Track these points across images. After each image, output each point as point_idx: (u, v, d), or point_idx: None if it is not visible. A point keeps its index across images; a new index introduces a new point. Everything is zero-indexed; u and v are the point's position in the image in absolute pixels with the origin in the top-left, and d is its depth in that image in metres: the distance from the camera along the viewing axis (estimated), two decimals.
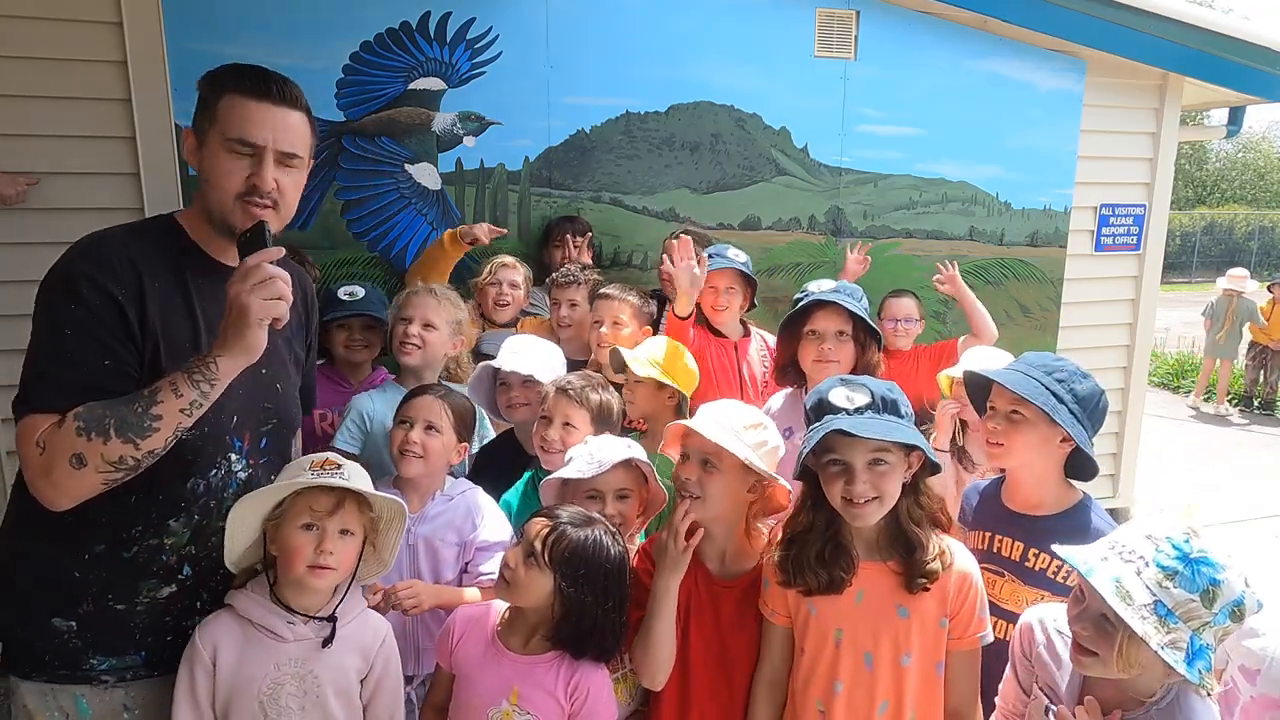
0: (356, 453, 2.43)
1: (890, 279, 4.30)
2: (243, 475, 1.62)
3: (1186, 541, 1.32)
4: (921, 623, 1.63)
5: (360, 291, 2.73)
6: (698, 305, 2.79)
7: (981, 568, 1.76)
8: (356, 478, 1.62)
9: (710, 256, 2.96)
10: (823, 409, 1.63)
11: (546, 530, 1.63)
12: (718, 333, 3.02)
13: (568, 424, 2.16)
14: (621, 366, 2.42)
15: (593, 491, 1.88)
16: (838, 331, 2.32)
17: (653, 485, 1.98)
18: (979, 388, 2.01)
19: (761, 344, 3.11)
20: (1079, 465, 1.86)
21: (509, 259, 3.29)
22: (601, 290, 2.85)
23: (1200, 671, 1.28)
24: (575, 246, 3.53)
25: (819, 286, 2.41)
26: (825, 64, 4.05)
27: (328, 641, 1.60)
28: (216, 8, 3.17)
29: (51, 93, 3.02)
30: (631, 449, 1.93)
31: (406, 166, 3.54)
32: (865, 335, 2.35)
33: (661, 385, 2.36)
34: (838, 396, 1.61)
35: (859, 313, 2.31)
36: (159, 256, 1.51)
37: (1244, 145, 29.64)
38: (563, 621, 1.62)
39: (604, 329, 2.73)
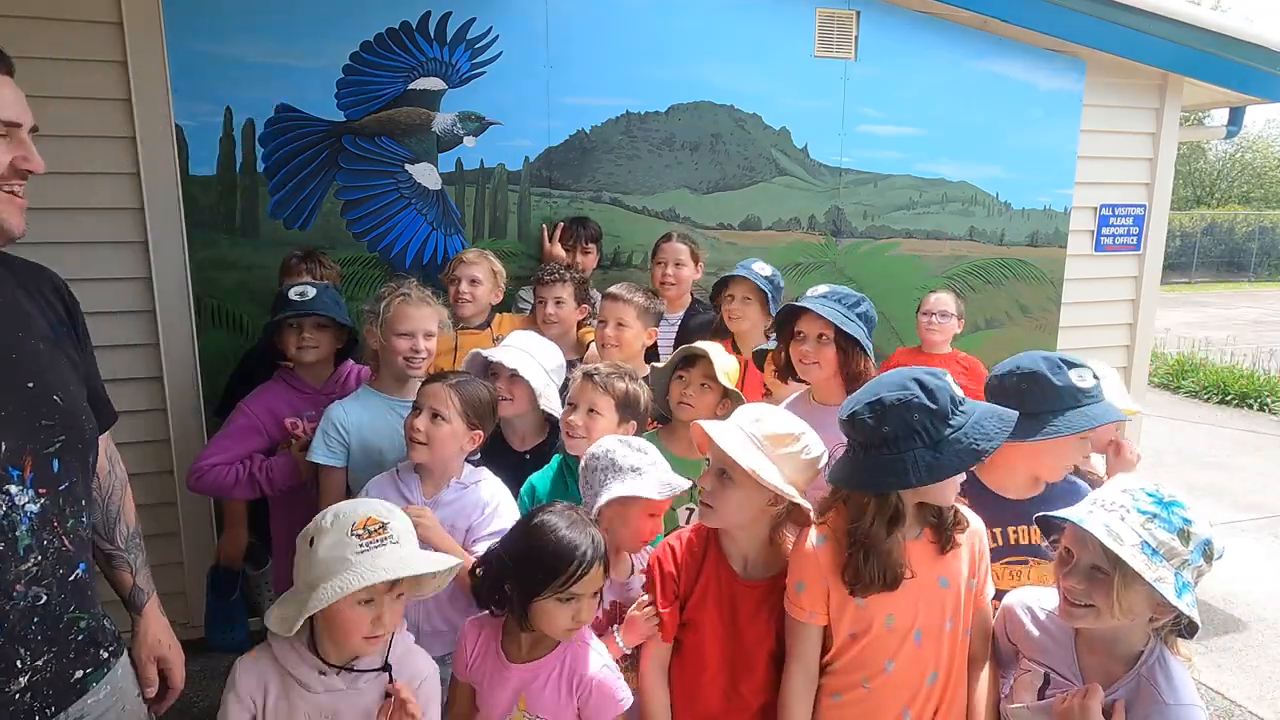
0: (341, 466, 2.39)
1: (890, 279, 4.31)
2: (34, 508, 1.32)
3: (1158, 489, 1.49)
4: (957, 588, 1.72)
5: (311, 291, 2.58)
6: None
7: (1005, 564, 1.92)
8: (406, 540, 1.56)
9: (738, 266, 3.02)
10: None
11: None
12: (735, 348, 2.92)
13: (592, 410, 2.18)
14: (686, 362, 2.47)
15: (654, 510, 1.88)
16: (818, 334, 2.26)
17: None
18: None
19: None
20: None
21: (470, 254, 3.16)
22: (609, 290, 2.86)
23: (1188, 605, 1.40)
24: (585, 252, 3.54)
25: (813, 291, 2.36)
26: (825, 64, 4.04)
27: (389, 696, 1.58)
28: (216, 8, 3.17)
29: (51, 92, 3.01)
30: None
31: (406, 166, 3.54)
32: (846, 341, 2.23)
33: (726, 394, 2.38)
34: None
35: (829, 318, 2.20)
36: None
37: (1241, 145, 29.65)
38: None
39: (609, 329, 2.76)
